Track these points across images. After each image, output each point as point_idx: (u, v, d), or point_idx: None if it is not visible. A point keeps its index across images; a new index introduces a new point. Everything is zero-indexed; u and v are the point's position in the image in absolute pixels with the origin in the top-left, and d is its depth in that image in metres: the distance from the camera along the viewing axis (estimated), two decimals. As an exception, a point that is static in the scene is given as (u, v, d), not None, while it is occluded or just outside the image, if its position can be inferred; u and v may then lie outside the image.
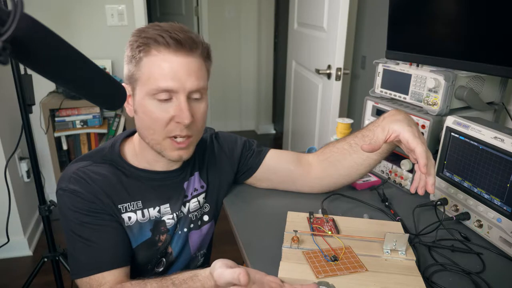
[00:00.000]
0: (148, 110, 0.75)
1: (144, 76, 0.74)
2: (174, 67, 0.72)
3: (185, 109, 0.74)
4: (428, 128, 0.98)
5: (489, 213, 0.80)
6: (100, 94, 0.70)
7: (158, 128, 0.76)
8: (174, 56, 0.73)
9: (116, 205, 0.80)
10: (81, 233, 0.77)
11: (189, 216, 0.91)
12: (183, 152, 0.80)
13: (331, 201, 0.97)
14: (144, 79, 0.74)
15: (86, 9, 2.22)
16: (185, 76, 0.73)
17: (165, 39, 0.71)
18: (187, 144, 0.79)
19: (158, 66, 0.72)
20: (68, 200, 0.77)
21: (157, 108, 0.75)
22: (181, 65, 0.73)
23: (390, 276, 0.67)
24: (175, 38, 0.72)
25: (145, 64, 0.73)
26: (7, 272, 1.97)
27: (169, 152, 0.79)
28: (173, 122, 0.76)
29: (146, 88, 0.74)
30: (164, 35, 0.72)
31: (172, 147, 0.79)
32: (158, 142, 0.78)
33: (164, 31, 0.72)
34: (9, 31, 0.36)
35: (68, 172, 0.80)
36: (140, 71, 0.74)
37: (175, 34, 0.72)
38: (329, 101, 1.87)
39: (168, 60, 0.72)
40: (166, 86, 0.73)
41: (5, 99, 1.99)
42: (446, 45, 1.01)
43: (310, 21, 2.08)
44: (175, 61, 0.73)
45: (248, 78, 3.98)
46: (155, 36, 0.72)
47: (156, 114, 0.75)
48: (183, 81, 0.73)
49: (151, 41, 0.72)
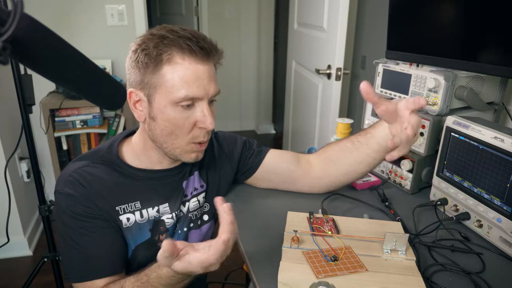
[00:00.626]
0: (172, 117, 0.75)
1: (167, 83, 0.73)
2: (199, 75, 0.73)
3: (209, 115, 0.76)
4: (428, 128, 0.98)
5: (489, 213, 0.80)
6: (100, 94, 0.70)
7: (181, 134, 0.77)
8: (199, 64, 0.73)
9: (114, 207, 0.80)
10: (76, 238, 0.77)
11: (189, 215, 0.91)
12: (200, 153, 0.83)
13: (331, 201, 0.97)
14: (167, 87, 0.73)
15: (86, 9, 2.22)
16: (208, 83, 0.75)
17: (192, 47, 0.71)
18: (205, 146, 0.83)
19: (184, 74, 0.72)
20: (63, 204, 0.77)
21: (181, 115, 0.75)
22: (203, 73, 0.74)
23: (390, 276, 0.67)
24: (202, 47, 0.72)
25: (167, 71, 0.72)
26: (7, 272, 1.97)
27: (188, 155, 0.81)
28: (196, 128, 0.77)
29: (170, 96, 0.73)
30: (189, 43, 0.71)
31: (194, 150, 0.81)
32: (180, 147, 0.79)
33: (187, 38, 0.72)
34: (9, 31, 0.36)
35: (65, 174, 0.80)
36: (160, 78, 0.73)
37: (201, 42, 0.72)
38: (329, 101, 1.87)
39: (192, 68, 0.73)
40: (193, 95, 0.73)
41: (5, 99, 1.99)
42: (446, 45, 1.01)
43: (310, 21, 2.08)
44: (200, 69, 0.73)
45: (248, 78, 3.98)
46: (180, 43, 0.71)
47: (180, 121, 0.76)
48: (207, 88, 0.75)
49: (174, 48, 0.72)
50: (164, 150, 0.81)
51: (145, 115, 0.78)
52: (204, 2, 3.58)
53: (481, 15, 0.90)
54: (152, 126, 0.78)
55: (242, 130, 4.14)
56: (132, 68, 0.75)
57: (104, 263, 0.78)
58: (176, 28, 0.74)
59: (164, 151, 0.81)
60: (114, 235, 0.80)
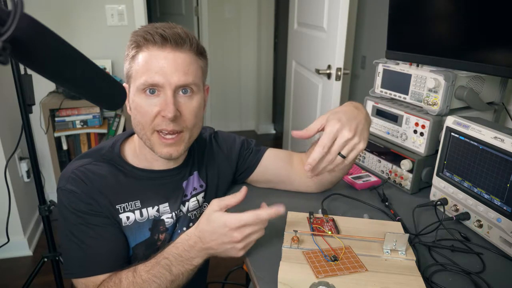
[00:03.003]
0: (138, 105, 0.77)
1: (135, 72, 0.76)
2: (161, 62, 0.74)
3: (170, 103, 0.74)
4: (428, 128, 0.98)
5: (489, 213, 0.80)
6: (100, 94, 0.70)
7: (146, 123, 0.77)
8: (161, 52, 0.74)
9: (114, 205, 0.80)
10: (77, 234, 0.77)
11: (188, 215, 0.91)
12: (172, 149, 0.79)
13: (331, 201, 0.97)
14: (135, 75, 0.76)
15: (86, 9, 2.22)
16: (171, 71, 0.74)
17: (152, 36, 0.73)
18: (175, 141, 0.78)
19: (146, 61, 0.74)
20: (65, 200, 0.78)
21: (145, 103, 0.76)
22: (167, 60, 0.74)
23: (390, 276, 0.67)
24: (160, 34, 0.73)
25: (136, 61, 0.76)
26: (7, 272, 1.97)
27: (158, 148, 0.79)
28: (160, 116, 0.76)
29: (136, 83, 0.76)
30: (151, 32, 0.74)
31: (160, 142, 0.78)
32: (148, 137, 0.79)
33: (153, 28, 0.75)
34: (9, 31, 0.36)
35: (67, 171, 0.80)
36: (132, 68, 0.77)
37: (161, 30, 0.74)
38: (329, 101, 1.87)
39: (155, 56, 0.74)
40: (152, 81, 0.74)
41: (5, 99, 1.99)
42: (446, 45, 1.01)
43: (310, 21, 2.08)
44: (161, 56, 0.74)
45: (248, 78, 3.98)
46: (144, 34, 0.74)
47: (144, 109, 0.76)
48: (169, 76, 0.74)
49: (140, 39, 0.75)
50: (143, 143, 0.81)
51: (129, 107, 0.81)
52: (204, 2, 3.58)
53: (481, 15, 0.90)
54: (131, 117, 0.81)
55: (242, 130, 4.14)
56: (124, 63, 0.80)
57: (105, 259, 0.78)
58: (157, 23, 0.77)
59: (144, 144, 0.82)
60: (115, 232, 0.80)
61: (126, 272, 0.75)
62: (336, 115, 0.75)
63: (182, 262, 0.73)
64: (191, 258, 0.73)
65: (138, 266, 0.75)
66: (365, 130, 0.77)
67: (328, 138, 0.73)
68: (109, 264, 0.78)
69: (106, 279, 0.77)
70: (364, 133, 0.76)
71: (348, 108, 0.79)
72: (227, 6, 3.68)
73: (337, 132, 0.73)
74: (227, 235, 0.70)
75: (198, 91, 0.79)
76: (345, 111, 0.77)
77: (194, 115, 0.79)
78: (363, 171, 1.13)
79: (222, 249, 0.72)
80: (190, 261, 0.73)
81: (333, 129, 0.73)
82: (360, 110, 0.79)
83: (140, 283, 0.72)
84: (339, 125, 0.73)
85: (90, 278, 0.77)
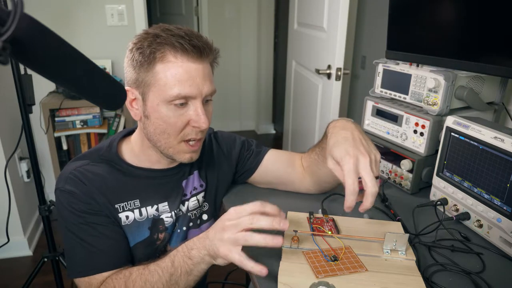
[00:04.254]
0: (165, 116, 0.75)
1: (160, 82, 0.73)
2: (192, 73, 0.73)
3: (202, 114, 0.75)
4: (428, 128, 0.98)
5: (489, 213, 0.80)
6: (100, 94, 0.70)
7: (173, 133, 0.77)
8: (192, 63, 0.73)
9: (113, 205, 0.80)
10: (78, 233, 0.77)
11: (188, 214, 0.91)
12: (194, 154, 0.82)
13: (331, 201, 0.97)
14: (160, 85, 0.73)
15: (86, 9, 2.22)
16: (201, 82, 0.74)
17: (184, 46, 0.71)
18: (199, 146, 0.82)
19: (176, 72, 0.72)
20: (64, 201, 0.78)
21: (174, 113, 0.75)
22: (197, 71, 0.74)
23: (390, 276, 0.67)
24: (195, 45, 0.72)
25: (160, 69, 0.73)
26: (7, 272, 1.97)
27: (182, 155, 0.81)
28: (189, 126, 0.77)
29: (162, 94, 0.74)
30: (182, 42, 0.71)
31: (186, 150, 0.80)
32: (172, 146, 0.79)
33: (180, 37, 0.72)
34: (9, 31, 0.36)
35: (66, 172, 0.80)
36: (154, 76, 0.73)
37: (194, 40, 0.72)
38: (329, 101, 1.87)
39: (185, 67, 0.73)
40: (185, 93, 0.73)
41: (5, 99, 1.99)
42: (446, 45, 1.01)
43: (310, 21, 2.08)
44: (192, 67, 0.73)
45: (248, 78, 3.98)
46: (173, 41, 0.72)
47: (173, 119, 0.75)
48: (200, 87, 0.74)
49: (167, 47, 0.72)
50: (159, 149, 0.81)
51: (140, 113, 0.79)
52: (204, 2, 3.58)
53: (481, 15, 0.90)
54: (146, 124, 0.79)
55: (242, 130, 4.14)
56: (128, 66, 0.77)
57: (108, 257, 0.78)
58: (171, 27, 0.75)
59: (159, 150, 0.82)
60: (116, 230, 0.81)
61: (138, 266, 0.76)
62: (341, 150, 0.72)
63: (183, 254, 0.72)
64: (190, 249, 0.71)
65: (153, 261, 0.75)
66: (368, 140, 0.77)
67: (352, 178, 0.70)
68: (112, 261, 0.78)
69: (114, 273, 0.76)
70: (370, 144, 0.76)
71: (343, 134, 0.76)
72: (227, 6, 3.68)
73: (355, 167, 0.71)
74: (221, 219, 0.69)
75: None
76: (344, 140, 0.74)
77: (210, 121, 0.80)
78: (363, 171, 1.13)
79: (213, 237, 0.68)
80: (189, 253, 0.71)
81: (351, 167, 0.70)
82: (350, 128, 0.78)
83: (146, 274, 0.72)
84: (353, 160, 0.71)
85: (94, 276, 0.77)
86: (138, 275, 0.73)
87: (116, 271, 0.77)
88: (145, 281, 0.72)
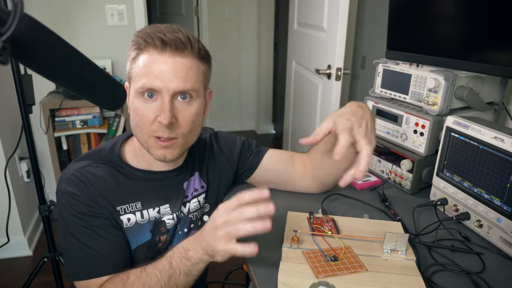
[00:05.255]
0: (136, 108, 0.76)
1: (135, 74, 0.76)
2: (160, 66, 0.73)
3: (166, 109, 0.73)
4: (428, 128, 0.98)
5: (489, 213, 0.80)
6: (100, 94, 0.70)
7: (144, 126, 0.76)
8: (161, 56, 0.73)
9: (115, 207, 0.80)
10: (78, 236, 0.77)
11: (189, 216, 0.91)
12: (167, 152, 0.78)
13: (331, 201, 0.97)
14: (134, 77, 0.76)
15: (86, 9, 2.22)
16: (170, 77, 0.73)
17: (153, 40, 0.72)
18: (170, 144, 0.78)
19: (146, 65, 0.74)
20: (66, 202, 0.77)
21: (143, 106, 0.75)
22: (166, 65, 0.73)
23: (390, 276, 0.67)
24: (161, 39, 0.72)
25: (136, 63, 0.75)
26: (7, 272, 1.97)
27: (154, 150, 0.79)
28: (157, 121, 0.75)
29: (135, 86, 0.75)
30: (152, 35, 0.73)
31: (156, 146, 0.78)
32: (145, 140, 0.78)
33: (155, 32, 0.73)
34: (9, 31, 0.36)
35: (67, 173, 0.80)
36: (133, 69, 0.76)
37: (162, 34, 0.73)
38: (329, 101, 1.87)
39: (155, 60, 0.73)
40: (150, 85, 0.73)
41: (5, 99, 1.99)
42: (446, 45, 1.01)
43: (310, 21, 2.08)
44: (161, 60, 0.73)
45: (248, 78, 3.98)
46: (145, 36, 0.73)
47: (142, 112, 0.76)
48: (167, 82, 0.73)
49: (141, 41, 0.74)
50: None
51: None
52: (204, 2, 3.58)
53: (481, 15, 0.90)
54: (130, 119, 0.80)
55: (242, 130, 4.14)
56: (127, 63, 0.79)
57: (107, 261, 0.78)
58: (160, 25, 0.76)
59: None
60: (116, 233, 0.80)
61: (136, 269, 0.75)
62: (344, 116, 0.73)
63: (181, 255, 0.72)
64: (187, 250, 0.71)
65: (149, 263, 0.75)
66: (373, 129, 0.76)
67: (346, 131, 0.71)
68: (111, 265, 0.78)
69: (111, 277, 0.76)
70: (373, 132, 0.75)
71: (353, 108, 0.77)
72: (227, 6, 3.68)
73: (351, 129, 0.71)
74: (212, 219, 0.68)
75: (197, 96, 0.78)
76: (352, 112, 0.75)
77: (191, 121, 0.78)
78: (363, 171, 1.13)
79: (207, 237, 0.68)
80: (187, 254, 0.71)
81: (346, 126, 0.71)
82: (365, 109, 0.78)
83: (144, 277, 0.72)
84: (350, 124, 0.72)
85: (93, 280, 0.77)
86: (135, 278, 0.73)
87: (114, 275, 0.77)
88: (143, 284, 0.72)
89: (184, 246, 0.72)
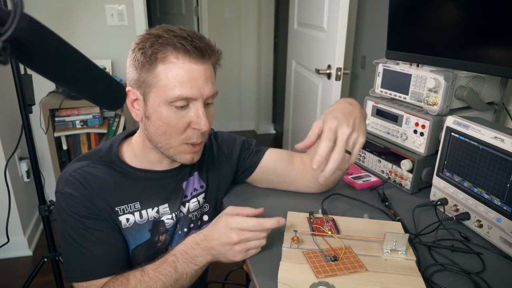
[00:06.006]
0: (165, 117, 0.75)
1: (161, 82, 0.73)
2: (194, 75, 0.73)
3: (203, 116, 0.75)
4: (428, 128, 0.98)
5: (489, 213, 0.80)
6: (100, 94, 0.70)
7: (174, 134, 0.77)
8: (194, 64, 0.73)
9: (113, 208, 0.80)
10: (76, 237, 0.77)
11: (188, 216, 0.91)
12: (195, 155, 0.82)
13: (331, 201, 0.97)
14: (161, 86, 0.73)
15: (86, 9, 2.22)
16: (203, 84, 0.74)
17: (186, 47, 0.71)
18: (200, 148, 0.82)
19: (177, 73, 0.72)
20: (64, 203, 0.77)
21: (174, 115, 0.75)
22: (199, 73, 0.73)
23: (390, 276, 0.67)
24: (196, 46, 0.72)
25: (161, 70, 0.72)
26: (7, 272, 1.97)
27: (183, 155, 0.81)
28: (190, 128, 0.77)
29: (163, 95, 0.73)
30: (183, 42, 0.71)
31: (188, 151, 0.80)
32: (173, 147, 0.79)
33: (182, 38, 0.72)
34: (9, 31, 0.36)
35: (65, 174, 0.80)
36: (155, 77, 0.73)
37: (196, 42, 0.72)
38: (329, 101, 1.87)
39: (186, 68, 0.72)
40: (186, 95, 0.73)
41: (5, 99, 1.99)
42: (446, 45, 1.01)
43: (310, 21, 2.08)
44: (194, 69, 0.73)
45: (248, 78, 3.98)
46: (175, 42, 0.71)
47: (174, 121, 0.75)
48: (201, 89, 0.74)
49: (169, 48, 0.72)
50: (160, 150, 0.81)
51: (141, 114, 0.79)
52: (204, 2, 3.58)
53: (481, 15, 0.90)
54: (147, 125, 0.78)
55: (242, 130, 4.14)
56: (130, 67, 0.77)
57: (105, 263, 0.78)
58: (174, 28, 0.74)
59: (160, 151, 0.81)
60: (114, 235, 0.80)
61: (134, 271, 0.76)
62: (331, 114, 0.74)
63: (186, 260, 0.74)
64: (195, 257, 0.74)
65: (147, 266, 0.76)
66: (362, 123, 0.77)
67: (330, 133, 0.71)
68: (110, 267, 0.78)
69: (110, 280, 0.77)
70: (361, 126, 0.76)
71: (342, 105, 0.78)
72: (227, 6, 3.68)
73: (336, 129, 0.72)
74: (226, 234, 0.71)
75: None
76: (340, 109, 0.76)
77: (211, 123, 0.80)
78: (363, 171, 1.13)
79: (222, 250, 0.72)
80: (194, 260, 0.74)
81: (332, 126, 0.72)
82: (354, 105, 0.79)
83: (147, 281, 0.73)
84: (336, 123, 0.72)
85: (92, 281, 0.77)
86: (137, 282, 0.74)
87: (113, 277, 0.77)
88: None
89: (188, 252, 0.75)
